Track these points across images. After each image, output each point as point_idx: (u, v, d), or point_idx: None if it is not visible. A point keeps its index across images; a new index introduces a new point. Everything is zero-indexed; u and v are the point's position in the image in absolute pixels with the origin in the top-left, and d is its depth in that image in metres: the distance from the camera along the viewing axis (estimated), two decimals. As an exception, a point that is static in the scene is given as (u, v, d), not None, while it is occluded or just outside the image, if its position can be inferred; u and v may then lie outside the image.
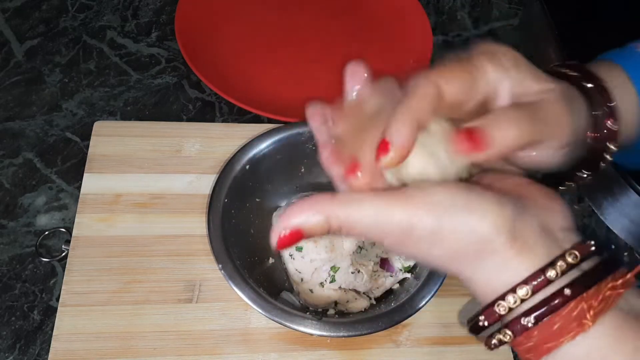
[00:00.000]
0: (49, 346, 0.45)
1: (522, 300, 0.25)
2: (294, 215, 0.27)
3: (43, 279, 0.50)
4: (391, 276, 0.49)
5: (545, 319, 0.25)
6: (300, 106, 0.66)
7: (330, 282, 0.47)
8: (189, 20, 0.67)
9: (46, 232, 0.52)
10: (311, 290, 0.48)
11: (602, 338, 0.24)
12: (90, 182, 0.53)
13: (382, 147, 0.26)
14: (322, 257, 0.46)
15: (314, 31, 0.72)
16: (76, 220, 0.51)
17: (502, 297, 0.25)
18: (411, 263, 0.49)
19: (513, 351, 0.50)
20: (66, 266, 0.48)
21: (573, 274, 0.25)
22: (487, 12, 0.81)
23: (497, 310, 0.26)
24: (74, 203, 0.54)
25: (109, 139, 0.56)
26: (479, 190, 0.26)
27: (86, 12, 0.70)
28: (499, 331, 0.26)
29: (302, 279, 0.48)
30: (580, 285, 0.25)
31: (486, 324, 0.26)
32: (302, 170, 0.54)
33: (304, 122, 0.52)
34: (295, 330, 0.43)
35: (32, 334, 0.48)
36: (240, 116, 0.64)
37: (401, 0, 0.75)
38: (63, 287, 0.47)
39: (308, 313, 0.45)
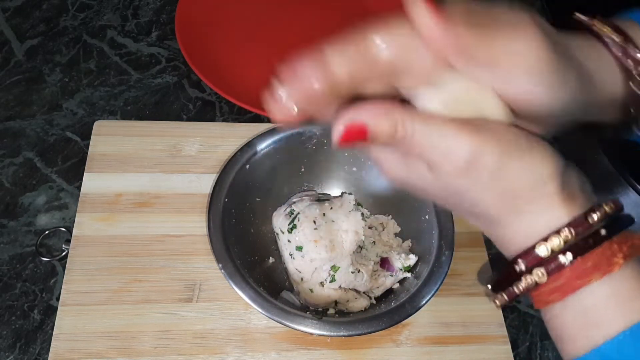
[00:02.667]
0: (50, 345, 0.45)
1: (565, 242, 0.26)
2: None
3: (43, 278, 0.51)
4: (391, 276, 0.49)
5: (580, 257, 0.26)
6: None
7: (331, 281, 0.47)
8: (189, 19, 0.67)
9: (46, 232, 0.52)
10: (311, 290, 0.48)
11: (628, 280, 0.26)
12: (91, 182, 0.53)
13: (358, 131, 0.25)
14: (322, 257, 0.47)
15: (314, 31, 0.72)
16: (76, 219, 0.51)
17: (545, 239, 0.26)
18: (411, 263, 0.49)
19: (513, 350, 0.50)
20: (66, 265, 0.48)
21: (606, 222, 0.27)
22: (488, 12, 0.81)
23: (538, 251, 0.27)
24: (74, 202, 0.54)
25: (109, 138, 0.56)
26: (537, 137, 0.27)
27: (86, 12, 0.70)
28: (529, 273, 0.27)
29: (302, 279, 0.48)
30: (614, 227, 0.26)
31: (523, 267, 0.27)
32: (302, 170, 0.54)
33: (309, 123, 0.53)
34: (296, 329, 0.43)
35: (33, 334, 0.48)
36: (241, 116, 0.64)
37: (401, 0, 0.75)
38: (63, 287, 0.47)
39: (308, 312, 0.45)
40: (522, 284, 0.27)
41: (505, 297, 0.28)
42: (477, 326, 0.51)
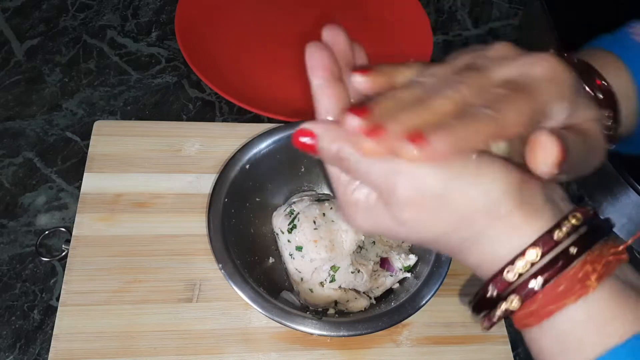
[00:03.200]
0: (49, 346, 0.45)
1: (532, 265, 0.25)
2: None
3: (43, 278, 0.50)
4: (391, 276, 0.49)
5: (552, 280, 0.25)
6: (300, 106, 0.67)
7: (330, 281, 0.47)
8: (189, 19, 0.67)
9: (46, 232, 0.52)
10: (311, 290, 0.48)
11: (604, 302, 0.25)
12: (91, 182, 0.53)
13: (416, 138, 0.24)
14: (322, 257, 0.47)
15: (313, 31, 0.72)
16: (76, 219, 0.51)
17: (512, 262, 0.25)
18: (411, 263, 0.49)
19: (513, 350, 0.50)
20: (66, 266, 0.48)
21: (575, 236, 0.25)
22: (488, 12, 0.81)
23: (506, 277, 0.25)
24: (74, 202, 0.54)
25: (109, 138, 0.56)
26: (489, 157, 0.26)
27: (86, 12, 0.70)
28: (505, 300, 0.26)
29: (302, 279, 0.48)
30: (584, 244, 0.25)
31: (495, 293, 0.26)
32: (302, 170, 0.54)
33: (303, 122, 0.53)
34: (296, 329, 0.43)
35: (32, 334, 0.48)
36: (240, 116, 0.64)
37: (401, 0, 0.75)
38: (63, 287, 0.47)
39: (308, 312, 0.45)
40: (499, 311, 0.26)
41: (487, 322, 0.28)
42: (477, 326, 0.50)
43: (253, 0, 0.74)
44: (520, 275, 0.25)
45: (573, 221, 0.25)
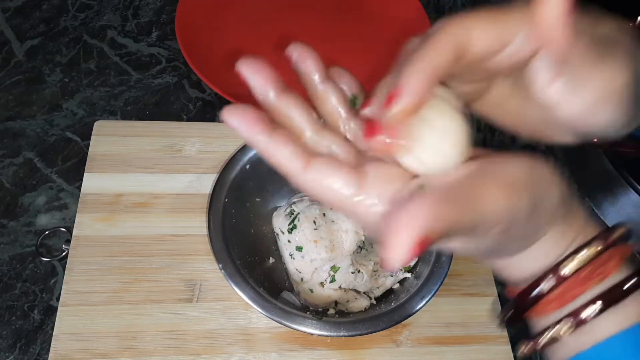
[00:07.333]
0: (50, 346, 0.45)
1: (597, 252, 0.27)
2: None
3: (43, 278, 0.51)
4: (391, 276, 0.49)
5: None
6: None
7: (331, 281, 0.47)
8: (189, 19, 0.67)
9: (46, 232, 0.52)
10: (311, 290, 0.48)
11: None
12: (91, 182, 0.53)
13: (392, 95, 0.24)
14: (322, 257, 0.47)
15: (314, 31, 0.72)
16: (76, 219, 0.51)
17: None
18: (411, 263, 0.49)
19: (513, 351, 0.50)
20: (66, 266, 0.48)
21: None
22: (488, 12, 0.81)
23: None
24: (74, 202, 0.54)
25: (109, 138, 0.56)
26: (537, 161, 0.26)
27: (86, 12, 0.70)
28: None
29: (302, 279, 0.48)
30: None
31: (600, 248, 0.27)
32: (303, 170, 0.54)
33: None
34: (296, 330, 0.43)
35: (33, 334, 0.48)
36: (241, 116, 0.64)
37: (401, 0, 0.75)
38: (63, 287, 0.47)
39: (308, 313, 0.45)
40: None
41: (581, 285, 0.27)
42: (477, 326, 0.51)
43: (253, 0, 0.74)
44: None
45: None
